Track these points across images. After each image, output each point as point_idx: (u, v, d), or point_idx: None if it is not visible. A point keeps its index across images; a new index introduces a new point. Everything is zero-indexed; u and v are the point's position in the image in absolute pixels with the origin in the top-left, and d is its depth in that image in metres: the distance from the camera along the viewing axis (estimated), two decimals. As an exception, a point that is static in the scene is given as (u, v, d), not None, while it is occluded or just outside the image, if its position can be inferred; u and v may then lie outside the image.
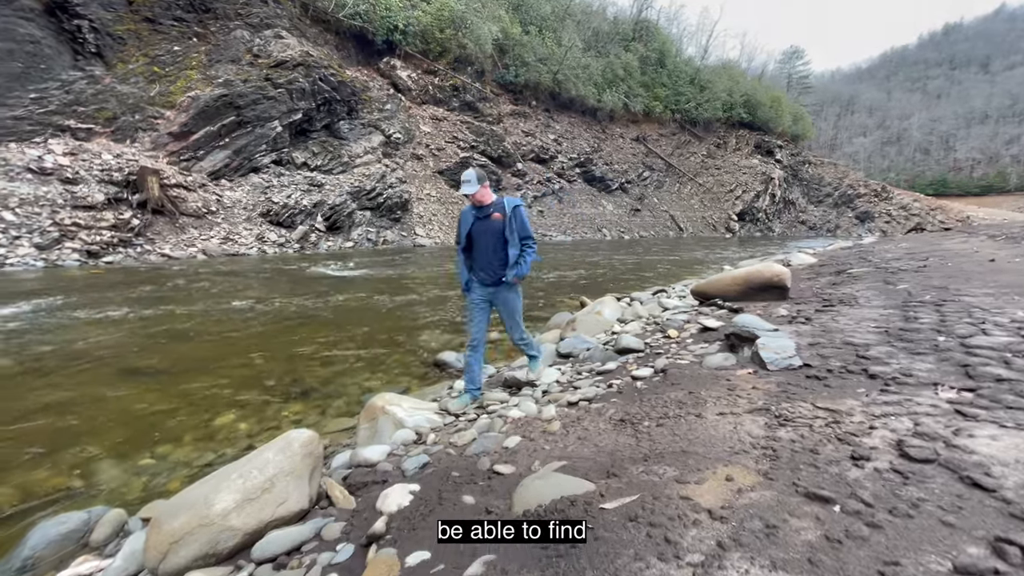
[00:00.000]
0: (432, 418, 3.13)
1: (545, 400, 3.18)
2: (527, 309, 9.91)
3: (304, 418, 4.36)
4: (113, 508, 2.77)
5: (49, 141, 16.21)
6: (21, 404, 4.57)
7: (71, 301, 9.02)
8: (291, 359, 6.01)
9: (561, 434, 2.34)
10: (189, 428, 4.11)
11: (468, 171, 3.39)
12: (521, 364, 4.67)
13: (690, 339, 4.11)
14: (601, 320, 5.54)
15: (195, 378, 5.31)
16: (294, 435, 2.14)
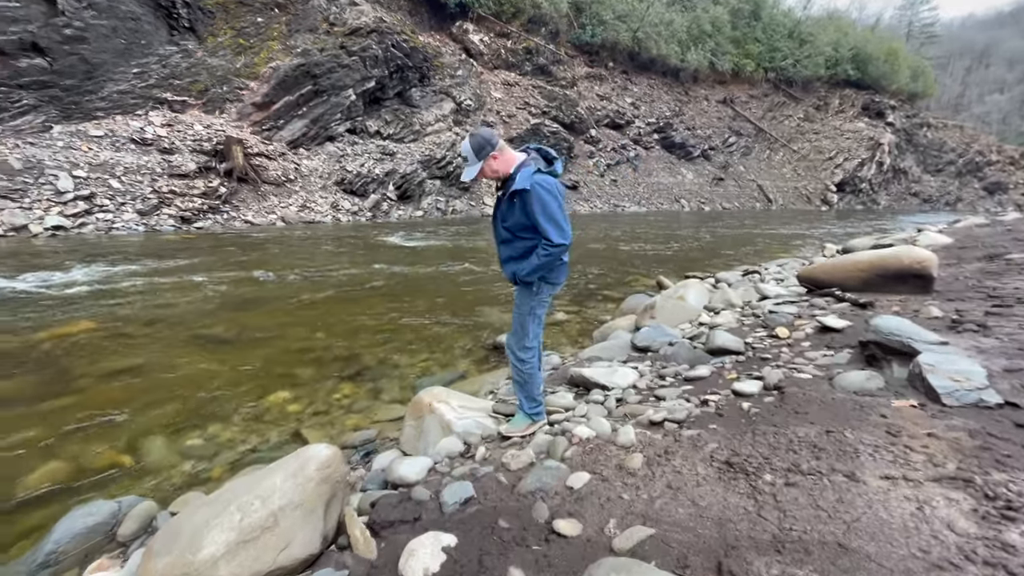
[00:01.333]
0: (484, 423, 2.67)
1: (621, 413, 2.60)
2: (594, 287, 9.24)
3: (354, 402, 4.10)
4: (144, 500, 2.58)
5: (149, 113, 17.34)
6: (97, 367, 4.70)
7: (160, 265, 9.56)
8: (351, 333, 5.84)
9: (644, 475, 1.79)
10: (241, 405, 3.98)
11: (463, 144, 2.48)
12: (593, 357, 4.09)
13: (806, 342, 3.32)
14: (685, 307, 4.80)
15: (256, 349, 5.26)
16: (311, 453, 1.76)
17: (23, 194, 13.12)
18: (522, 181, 2.37)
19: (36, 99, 15.00)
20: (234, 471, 3.12)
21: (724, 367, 3.13)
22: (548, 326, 6.30)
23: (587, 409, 2.68)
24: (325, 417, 3.85)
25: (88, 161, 14.85)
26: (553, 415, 2.69)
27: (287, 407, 3.99)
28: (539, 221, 2.34)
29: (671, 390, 2.84)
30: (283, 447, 3.41)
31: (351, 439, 3.44)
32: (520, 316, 2.64)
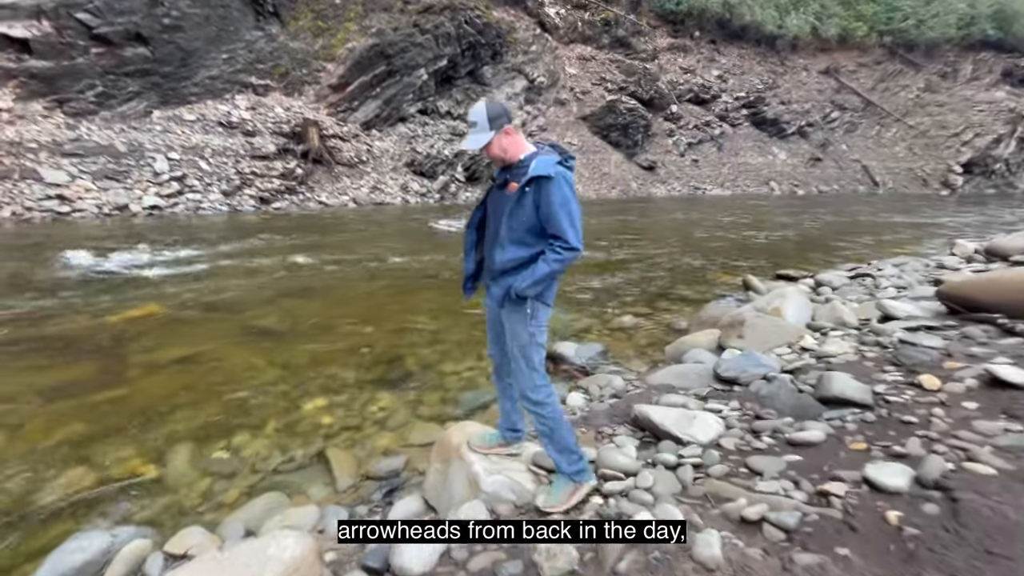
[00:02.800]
0: (520, 482, 2.13)
1: (699, 491, 1.94)
2: (667, 284, 8.24)
3: (390, 416, 3.73)
4: (138, 539, 2.32)
5: (236, 97, 18.18)
6: (152, 357, 4.71)
7: (234, 247, 9.88)
8: (399, 331, 5.51)
9: None
10: (276, 412, 3.74)
11: (475, 106, 2.01)
12: (665, 386, 3.40)
13: (968, 401, 2.43)
14: (782, 326, 3.94)
15: (303, 344, 5.07)
16: (273, 552, 1.32)
17: (126, 175, 14.20)
18: (543, 167, 1.92)
19: (139, 86, 16.12)
20: (251, 495, 2.84)
21: (844, 428, 2.36)
22: (612, 331, 5.63)
23: (653, 479, 2.05)
24: (357, 434, 3.50)
25: (181, 144, 15.82)
26: (609, 482, 2.09)
27: (320, 417, 3.70)
28: (559, 217, 1.90)
29: (770, 460, 2.13)
30: (305, 469, 3.11)
31: (377, 468, 3.05)
32: (520, 349, 2.07)
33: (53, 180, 12.98)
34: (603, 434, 2.75)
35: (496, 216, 2.11)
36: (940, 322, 3.63)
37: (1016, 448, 1.98)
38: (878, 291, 6.05)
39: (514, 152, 2.04)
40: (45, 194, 12.58)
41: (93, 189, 13.35)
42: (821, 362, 3.22)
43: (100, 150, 14.32)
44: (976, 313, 3.54)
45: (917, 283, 6.11)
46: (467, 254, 2.33)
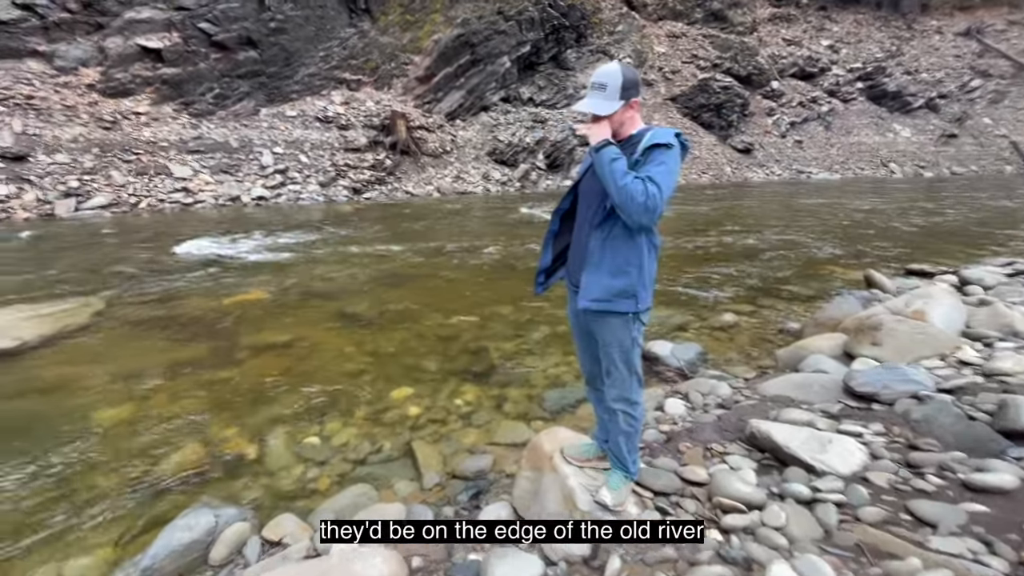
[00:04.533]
0: (619, 506, 1.88)
1: (848, 539, 1.58)
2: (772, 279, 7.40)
3: (474, 411, 3.64)
4: (239, 522, 2.38)
5: (331, 93, 19.24)
6: (256, 339, 5.01)
7: (330, 235, 10.44)
8: (484, 321, 5.45)
9: None
10: (365, 401, 3.79)
11: (607, 67, 1.71)
12: (782, 398, 2.98)
13: None
14: (930, 333, 3.30)
15: (392, 332, 5.16)
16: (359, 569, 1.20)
17: (237, 169, 15.55)
18: (663, 135, 1.68)
19: (249, 86, 17.55)
20: (341, 485, 2.87)
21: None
22: (711, 331, 5.16)
23: (785, 517, 1.72)
24: (442, 428, 3.45)
25: (284, 139, 17.03)
26: (729, 515, 1.79)
27: (407, 408, 3.70)
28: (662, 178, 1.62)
29: (943, 508, 1.70)
30: (393, 463, 3.09)
31: (463, 466, 2.96)
32: (623, 355, 1.83)
33: (180, 175, 14.53)
34: (712, 451, 2.43)
35: (590, 202, 1.84)
36: None
37: None
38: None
39: (629, 128, 1.77)
40: (174, 187, 14.11)
41: (211, 182, 14.77)
42: (992, 381, 2.63)
43: (217, 147, 15.80)
44: None
45: (1104, 283, 4.97)
46: (546, 245, 2.05)
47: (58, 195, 12.49)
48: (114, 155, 14.02)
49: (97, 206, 12.69)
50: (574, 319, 2.01)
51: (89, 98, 14.94)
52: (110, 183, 13.36)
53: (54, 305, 5.80)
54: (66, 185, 12.75)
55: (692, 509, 1.90)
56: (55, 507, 2.59)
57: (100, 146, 14.05)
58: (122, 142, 14.45)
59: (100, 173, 13.48)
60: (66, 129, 13.93)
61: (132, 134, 14.82)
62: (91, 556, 2.29)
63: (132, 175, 13.86)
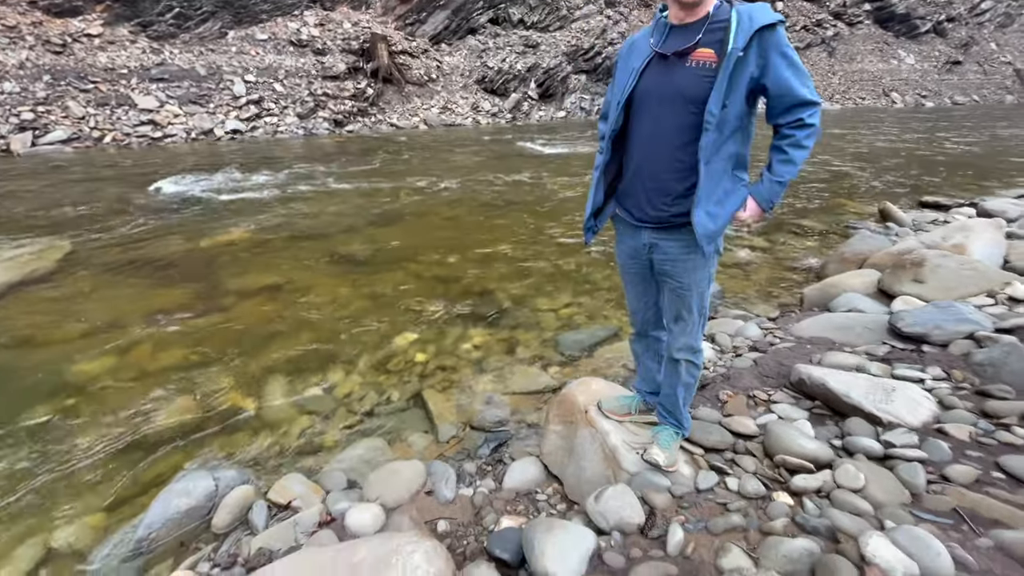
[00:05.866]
0: (672, 467, 1.68)
1: (942, 504, 1.39)
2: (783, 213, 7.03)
3: (485, 357, 3.41)
4: (241, 486, 2.17)
5: (304, 14, 17.59)
6: (242, 282, 4.67)
7: (313, 170, 9.79)
8: (485, 261, 5.14)
9: None
10: (367, 347, 3.54)
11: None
12: (820, 340, 2.78)
13: None
14: (978, 268, 3.08)
15: (389, 273, 4.85)
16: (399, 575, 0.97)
17: (207, 100, 14.40)
18: (763, 14, 1.31)
19: (213, 4, 15.91)
20: (349, 440, 2.66)
21: None
22: (726, 267, 4.92)
23: (864, 477, 1.53)
24: (453, 375, 3.23)
25: (256, 65, 15.70)
26: (797, 476, 1.59)
27: (413, 354, 3.46)
28: (799, 84, 1.35)
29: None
30: (403, 414, 2.88)
31: (481, 417, 2.76)
32: (698, 296, 1.59)
33: (145, 106, 13.41)
34: (756, 400, 2.24)
35: (663, 108, 1.44)
36: None
37: None
38: (1078, 224, 4.80)
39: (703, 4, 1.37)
40: (139, 120, 13.06)
41: (180, 114, 13.69)
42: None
43: (183, 74, 14.52)
44: None
45: None
46: (596, 183, 1.63)
47: (11, 128, 11.48)
48: (68, 83, 12.81)
49: (57, 140, 11.73)
50: (631, 260, 1.69)
51: (32, 17, 13.43)
52: (68, 115, 12.29)
53: (17, 249, 5.34)
54: (19, 117, 11.70)
55: (752, 468, 1.71)
56: (34, 473, 2.36)
57: (51, 73, 12.79)
58: (76, 68, 13.17)
59: (55, 104, 12.36)
60: (10, 53, 12.60)
61: (86, 60, 13.50)
62: (78, 524, 2.08)
63: (92, 106, 12.75)
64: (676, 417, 1.76)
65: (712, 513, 1.54)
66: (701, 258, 1.49)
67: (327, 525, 1.91)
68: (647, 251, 1.58)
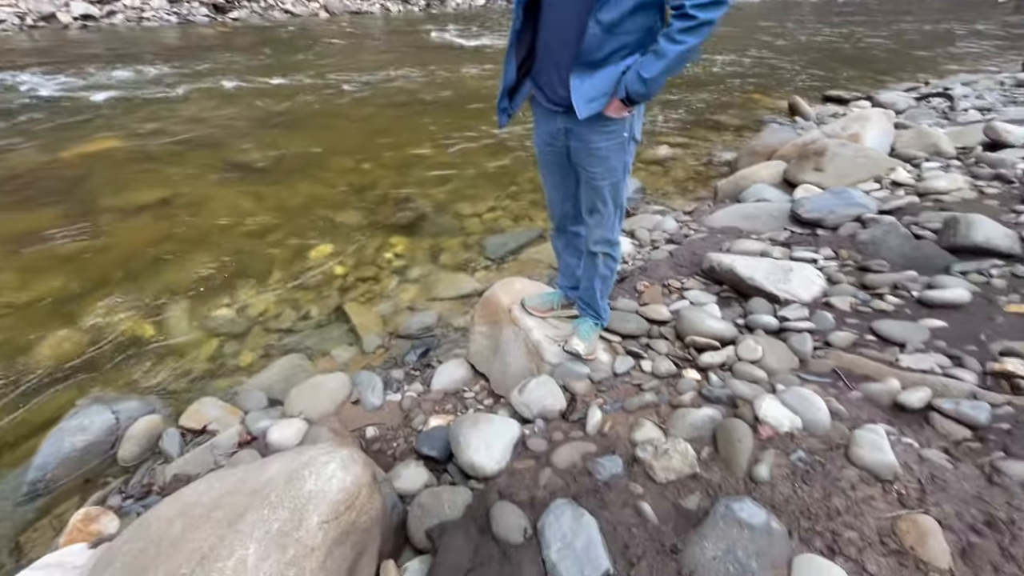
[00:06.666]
0: (591, 355, 1.74)
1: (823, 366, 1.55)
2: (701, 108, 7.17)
3: (408, 266, 3.30)
4: (146, 416, 2.03)
5: None
6: (122, 199, 4.09)
7: (193, 67, 8.40)
8: (402, 165, 4.81)
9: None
10: (278, 263, 3.29)
11: None
12: (731, 229, 2.91)
13: None
14: (870, 156, 3.29)
15: (296, 182, 4.43)
16: (314, 486, 0.92)
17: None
18: None
19: None
20: (268, 358, 2.53)
21: (991, 285, 1.93)
22: (646, 164, 4.95)
23: (761, 349, 1.68)
24: (375, 286, 3.10)
25: (97, -72, 12.61)
26: (705, 353, 1.71)
27: (331, 267, 3.27)
28: None
29: (905, 326, 1.74)
30: (324, 328, 2.76)
31: (407, 324, 2.71)
32: (612, 188, 1.51)
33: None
34: (670, 288, 2.34)
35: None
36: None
37: None
38: (954, 114, 5.24)
39: None
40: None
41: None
42: (926, 200, 2.69)
43: (-4, -64, 11.38)
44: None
45: (1002, 104, 5.26)
46: (509, 54, 1.48)
47: None
48: None
49: None
50: (547, 147, 1.58)
51: None
52: None
53: None
54: None
55: (664, 350, 1.82)
56: None
57: None
58: None
59: None
60: None
61: None
62: (-43, 475, 1.87)
63: None
64: (595, 309, 1.80)
65: (628, 394, 1.64)
66: (615, 145, 1.42)
67: (248, 444, 1.85)
68: (563, 137, 1.48)
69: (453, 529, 1.18)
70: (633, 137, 1.46)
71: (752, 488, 1.20)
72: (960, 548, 1.00)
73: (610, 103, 1.32)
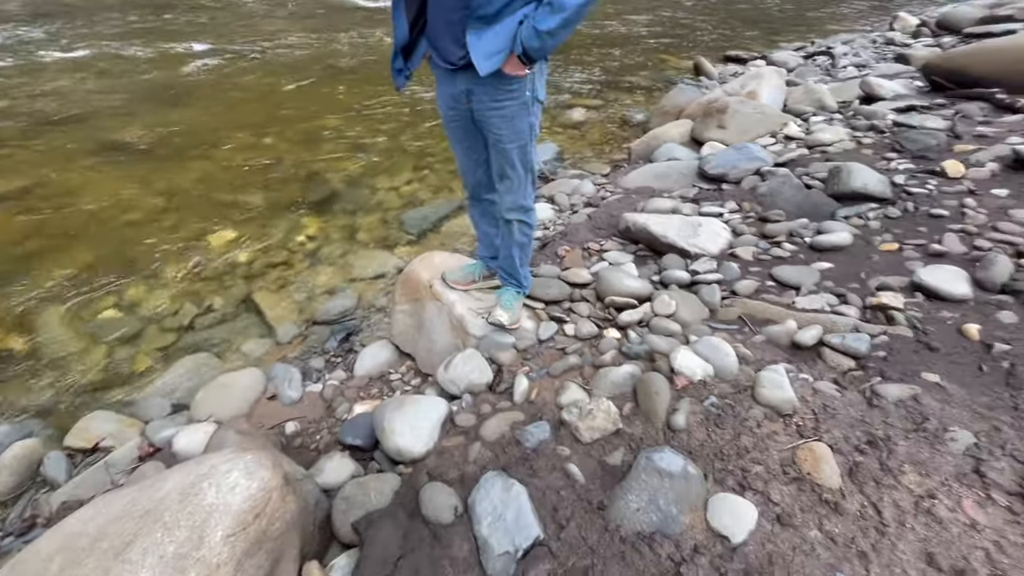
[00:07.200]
0: (515, 325, 1.74)
1: (731, 314, 1.65)
2: (615, 69, 7.28)
3: (322, 246, 3.11)
4: (21, 440, 1.78)
5: None
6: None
7: (51, 30, 7.22)
8: (310, 140, 4.48)
9: (857, 513, 0.95)
10: (172, 255, 2.98)
11: None
12: (645, 189, 2.98)
13: (998, 188, 2.22)
14: (766, 112, 3.48)
15: (186, 163, 3.99)
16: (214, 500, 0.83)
17: None
18: None
19: None
20: (168, 362, 2.31)
21: (868, 227, 2.12)
22: (564, 128, 4.96)
23: (674, 304, 1.74)
24: (287, 271, 2.90)
25: None
26: (624, 312, 1.76)
27: (234, 254, 3.01)
28: None
29: (799, 269, 1.87)
30: (231, 322, 2.56)
31: (325, 310, 2.57)
32: (519, 150, 1.46)
33: None
34: (590, 251, 2.38)
35: None
36: (928, 101, 3.35)
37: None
38: (836, 70, 5.67)
39: None
40: None
41: None
42: (815, 152, 2.90)
43: None
44: (968, 89, 3.27)
45: (875, 61, 5.75)
46: (396, 9, 1.38)
47: None
48: None
49: None
50: (451, 111, 1.50)
51: None
52: None
53: None
54: None
55: (586, 312, 1.84)
56: None
57: None
58: None
59: None
60: None
61: None
62: None
63: None
64: (516, 278, 1.78)
65: (553, 359, 1.65)
66: (519, 105, 1.38)
67: (151, 457, 1.68)
68: (465, 99, 1.41)
69: (381, 519, 1.14)
70: (536, 97, 1.41)
71: (671, 437, 1.26)
72: (848, 468, 1.11)
73: (508, 59, 1.26)
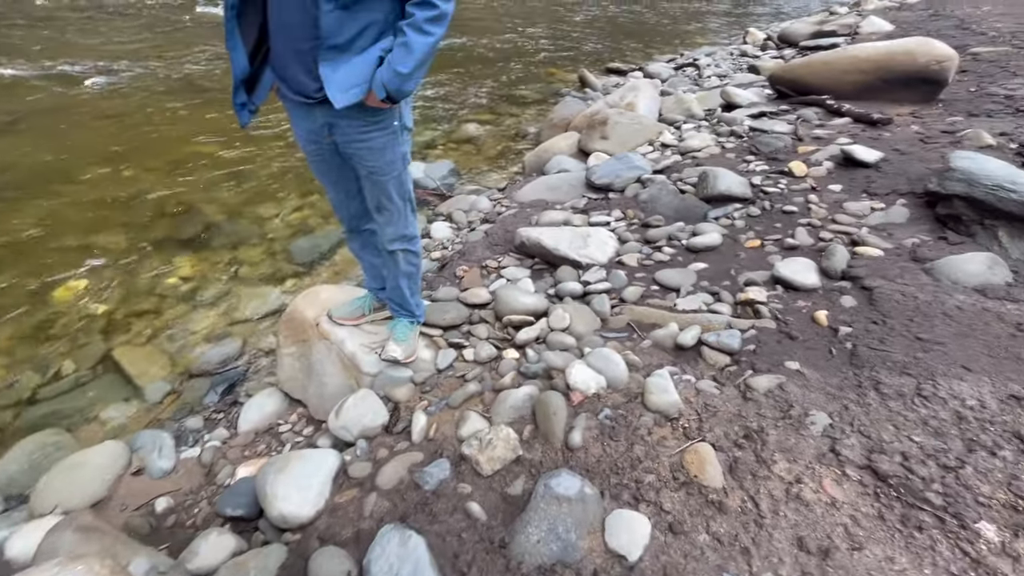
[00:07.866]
0: (410, 358, 1.65)
1: (620, 322, 1.71)
2: (506, 82, 7.45)
3: (199, 287, 2.82)
4: None
5: None
6: None
7: None
8: (177, 169, 4.07)
9: (738, 509, 0.99)
10: (4, 312, 2.52)
11: None
12: (539, 202, 3.04)
13: (834, 184, 2.52)
14: (643, 122, 3.71)
15: (27, 204, 3.47)
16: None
17: None
18: None
19: None
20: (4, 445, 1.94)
21: (735, 226, 2.31)
22: (459, 144, 4.96)
23: (569, 317, 1.76)
24: (156, 321, 2.58)
25: None
26: (521, 331, 1.75)
27: (87, 307, 2.63)
28: None
29: (679, 272, 1.99)
30: (86, 387, 2.22)
31: (203, 360, 2.31)
32: (395, 181, 1.41)
33: None
34: (488, 268, 2.37)
35: None
36: (775, 107, 3.78)
37: (885, 226, 2.16)
38: (702, 80, 6.22)
39: None
40: None
41: None
42: (687, 158, 3.14)
43: None
44: (805, 96, 3.73)
45: (732, 71, 6.39)
46: (230, 36, 1.23)
47: None
48: None
49: None
50: (312, 146, 1.39)
51: None
52: None
53: None
54: None
55: (484, 335, 1.81)
56: None
57: None
58: None
59: None
60: None
61: None
62: None
63: None
64: (407, 308, 1.71)
65: (452, 388, 1.60)
66: (388, 136, 1.32)
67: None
68: (327, 132, 1.33)
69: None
70: (404, 126, 1.36)
71: (569, 457, 1.26)
72: (728, 465, 1.17)
73: (368, 95, 1.20)
